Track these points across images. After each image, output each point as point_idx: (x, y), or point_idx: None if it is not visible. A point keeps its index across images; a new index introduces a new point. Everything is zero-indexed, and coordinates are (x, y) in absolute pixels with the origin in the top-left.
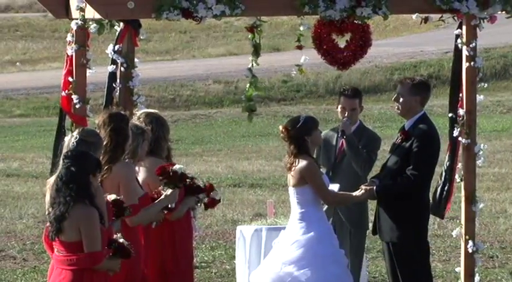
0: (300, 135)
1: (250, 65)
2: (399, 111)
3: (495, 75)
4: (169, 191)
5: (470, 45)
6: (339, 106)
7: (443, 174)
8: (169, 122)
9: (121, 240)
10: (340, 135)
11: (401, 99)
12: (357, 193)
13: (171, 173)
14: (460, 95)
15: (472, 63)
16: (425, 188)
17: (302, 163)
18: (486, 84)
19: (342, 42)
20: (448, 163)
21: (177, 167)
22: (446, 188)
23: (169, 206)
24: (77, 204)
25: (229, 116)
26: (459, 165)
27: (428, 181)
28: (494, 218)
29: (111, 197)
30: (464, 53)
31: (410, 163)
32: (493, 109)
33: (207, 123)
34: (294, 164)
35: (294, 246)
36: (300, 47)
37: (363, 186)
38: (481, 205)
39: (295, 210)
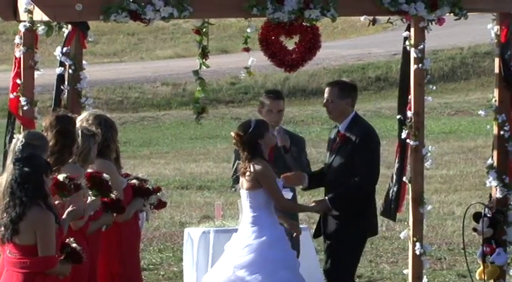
0: (253, 139)
1: (198, 67)
2: (331, 116)
3: (443, 77)
4: (92, 199)
5: (419, 47)
6: (264, 109)
7: (394, 176)
8: (117, 124)
9: (73, 244)
10: (283, 152)
11: (331, 104)
12: (310, 205)
13: (97, 181)
14: (409, 97)
15: (420, 65)
16: (374, 187)
17: (256, 167)
18: (434, 86)
19: (290, 44)
20: (397, 165)
21: (106, 176)
22: (396, 190)
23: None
24: (33, 206)
25: (177, 118)
26: (407, 167)
27: (377, 179)
28: (442, 220)
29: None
30: (413, 55)
31: (357, 166)
32: (441, 111)
33: (155, 126)
34: (248, 169)
35: (245, 251)
36: (247, 50)
37: (314, 200)
38: (429, 207)
39: (248, 214)
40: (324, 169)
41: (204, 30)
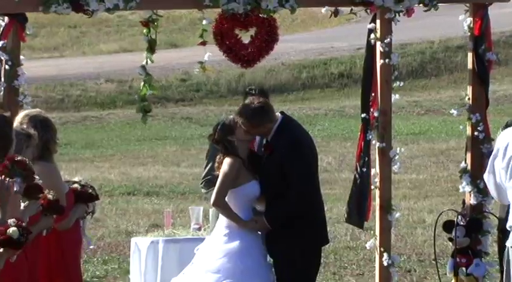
0: (223, 136)
1: (144, 62)
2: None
3: (412, 73)
4: (27, 203)
5: (385, 41)
6: None
7: (357, 180)
8: (58, 125)
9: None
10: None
11: (251, 131)
12: (249, 222)
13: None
14: (373, 94)
15: (386, 60)
16: (315, 201)
17: (224, 161)
18: (402, 83)
19: (246, 37)
20: (360, 168)
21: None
22: (362, 195)
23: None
24: None
25: (123, 117)
26: (373, 171)
27: (314, 189)
28: (412, 228)
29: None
30: (379, 49)
31: (288, 181)
32: (410, 110)
33: (99, 126)
34: (220, 164)
35: (216, 255)
36: (203, 43)
37: (255, 218)
38: (397, 214)
39: (222, 216)
40: None
41: (155, 23)
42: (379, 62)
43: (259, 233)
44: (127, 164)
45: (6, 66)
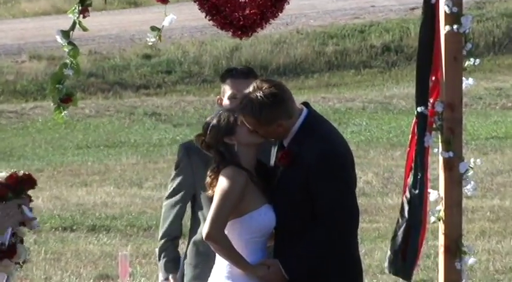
0: (218, 138)
1: (70, 28)
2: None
3: (493, 46)
4: None
5: None
6: (226, 93)
7: (405, 207)
8: None
9: None
10: None
11: (259, 131)
12: (258, 268)
13: None
14: (434, 78)
15: (455, 26)
16: (352, 237)
17: (222, 175)
18: (478, 61)
19: None
20: (413, 190)
21: None
22: (412, 231)
23: None
24: None
25: None
26: (434, 193)
27: (354, 221)
28: (494, 281)
29: None
30: (443, 9)
31: (316, 208)
32: (490, 101)
33: (19, 126)
34: (214, 179)
35: None
36: (164, 0)
37: (266, 262)
38: (471, 260)
39: (219, 256)
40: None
41: None
42: (443, 29)
43: None
44: (62, 183)
45: None
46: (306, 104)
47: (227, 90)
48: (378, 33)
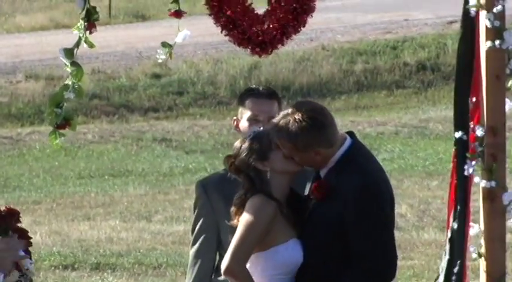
0: (249, 163)
1: (75, 45)
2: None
3: None
4: None
5: (494, 10)
6: (245, 115)
7: (447, 246)
8: None
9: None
10: None
11: (295, 157)
12: None
13: None
14: (474, 99)
15: (497, 42)
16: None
17: (249, 203)
18: None
19: (261, 4)
20: (454, 224)
21: None
22: (455, 270)
23: None
24: None
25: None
26: (475, 227)
27: (392, 266)
28: None
29: None
30: (483, 23)
31: (351, 247)
32: None
33: (14, 153)
34: (240, 208)
35: None
36: (177, 14)
37: None
38: None
39: None
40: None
41: None
42: (484, 45)
43: None
44: (62, 217)
45: None
46: (350, 133)
47: (247, 111)
48: (412, 50)
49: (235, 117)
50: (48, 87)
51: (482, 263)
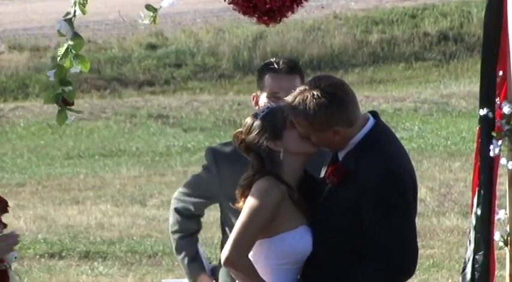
0: (260, 141)
1: (71, 13)
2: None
3: None
4: None
5: None
6: (264, 92)
7: (472, 233)
8: None
9: None
10: None
11: (312, 137)
12: None
13: None
14: (501, 73)
15: None
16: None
17: (256, 186)
18: None
19: None
20: (477, 210)
21: None
22: (481, 259)
23: None
24: None
25: (41, 115)
26: (501, 213)
27: (413, 260)
28: None
29: None
30: None
31: (369, 237)
32: None
33: None
34: (246, 189)
35: None
36: None
37: None
38: None
39: None
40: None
41: None
42: (511, 14)
43: None
44: (48, 200)
45: None
46: (374, 113)
47: (266, 87)
48: (433, 19)
49: (254, 94)
50: (34, 59)
51: (509, 252)
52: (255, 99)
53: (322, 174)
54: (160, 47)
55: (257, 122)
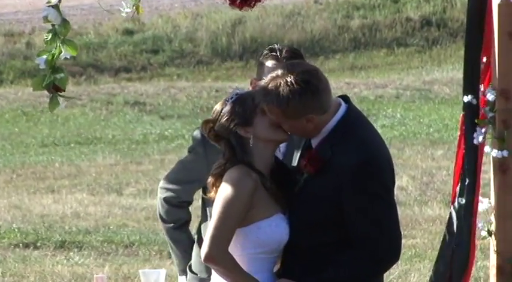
0: (230, 128)
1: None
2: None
3: None
4: None
5: None
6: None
7: (453, 220)
8: None
9: None
10: None
11: (284, 125)
12: None
13: None
14: (485, 60)
15: None
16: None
17: (228, 174)
18: None
19: None
20: (460, 199)
21: None
22: (461, 249)
23: None
24: None
25: (15, 102)
26: (485, 202)
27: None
28: None
29: None
30: None
31: (349, 226)
32: None
33: None
34: (219, 179)
35: None
36: None
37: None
38: None
39: (220, 278)
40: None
41: None
42: None
43: None
44: (23, 189)
45: None
46: (344, 98)
47: (266, 73)
48: (415, 4)
49: (253, 78)
50: (8, 44)
51: (492, 242)
52: (253, 84)
53: (295, 161)
54: (137, 32)
55: (226, 108)
